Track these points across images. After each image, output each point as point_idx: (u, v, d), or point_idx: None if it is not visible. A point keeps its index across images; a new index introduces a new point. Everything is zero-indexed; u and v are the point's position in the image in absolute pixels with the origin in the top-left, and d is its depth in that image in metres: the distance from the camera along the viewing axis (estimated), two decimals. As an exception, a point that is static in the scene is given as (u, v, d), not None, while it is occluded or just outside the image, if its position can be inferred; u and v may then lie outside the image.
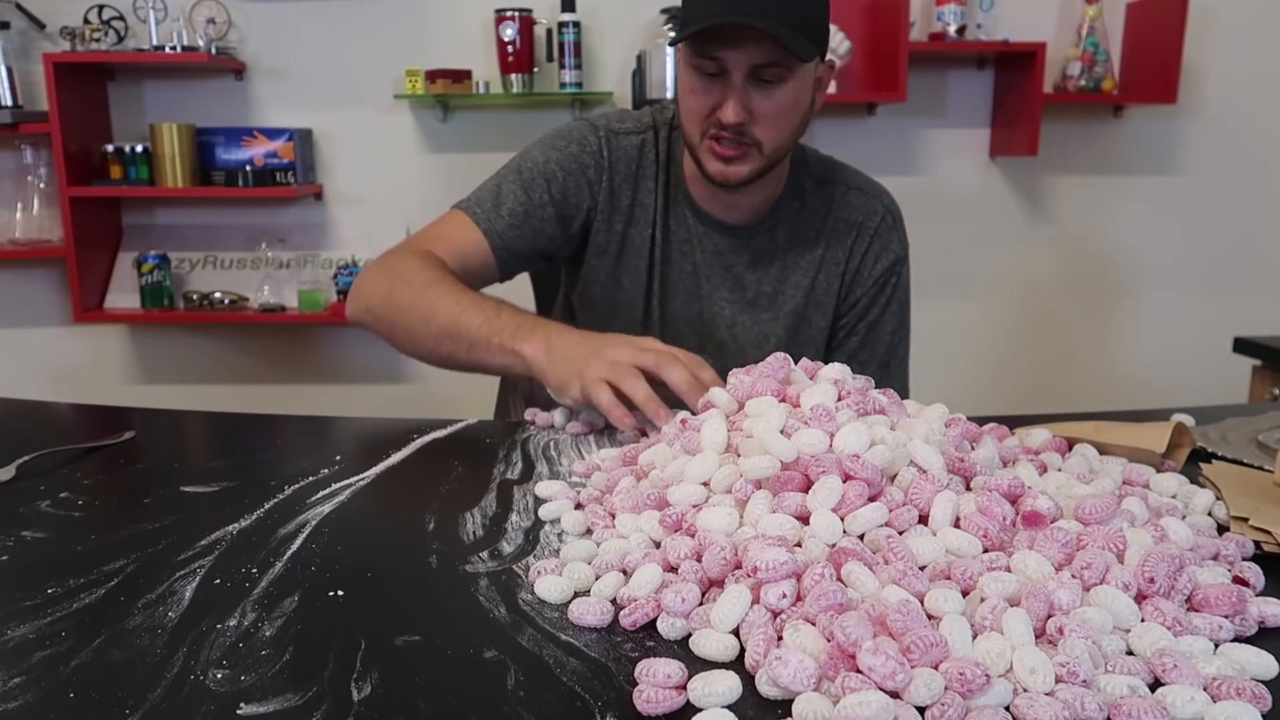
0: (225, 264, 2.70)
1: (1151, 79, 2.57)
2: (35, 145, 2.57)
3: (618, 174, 1.23)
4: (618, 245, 1.25)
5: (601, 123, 1.25)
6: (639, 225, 1.25)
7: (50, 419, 1.14)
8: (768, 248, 1.26)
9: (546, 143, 1.24)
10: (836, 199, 1.27)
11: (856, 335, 1.29)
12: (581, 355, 0.98)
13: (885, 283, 1.28)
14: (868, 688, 0.46)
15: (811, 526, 0.62)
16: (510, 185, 1.21)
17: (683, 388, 0.92)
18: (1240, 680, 0.48)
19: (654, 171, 1.24)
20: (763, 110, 1.09)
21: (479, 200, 1.21)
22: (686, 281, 1.27)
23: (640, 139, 1.25)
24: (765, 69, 1.07)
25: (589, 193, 1.23)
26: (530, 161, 1.23)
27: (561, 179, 1.21)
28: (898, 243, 1.29)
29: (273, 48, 2.64)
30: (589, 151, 1.23)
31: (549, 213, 1.21)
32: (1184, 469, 0.86)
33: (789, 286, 1.27)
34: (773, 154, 1.14)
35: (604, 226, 1.24)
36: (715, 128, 1.11)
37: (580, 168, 1.22)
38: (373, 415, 1.12)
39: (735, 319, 1.27)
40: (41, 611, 0.59)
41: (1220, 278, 2.86)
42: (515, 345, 1.02)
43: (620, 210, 1.24)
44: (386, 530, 0.74)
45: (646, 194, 1.24)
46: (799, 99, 1.12)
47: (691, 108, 1.12)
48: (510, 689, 0.50)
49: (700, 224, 1.25)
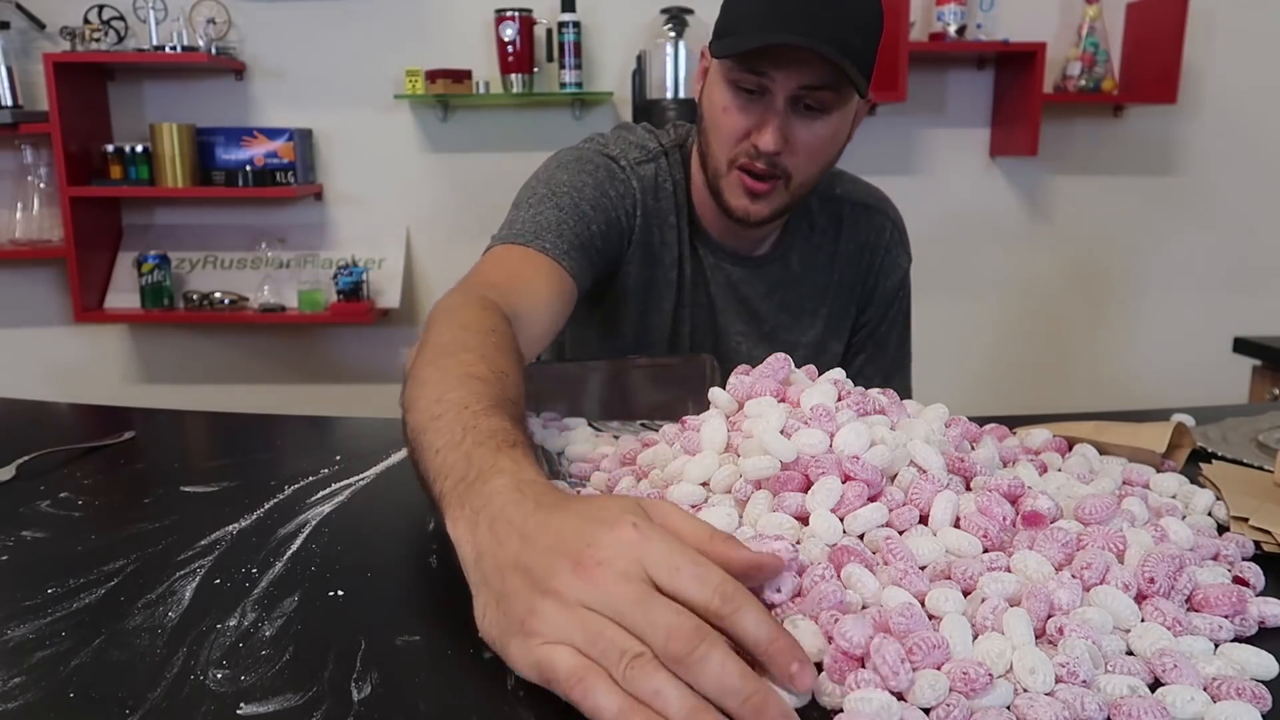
0: (225, 264, 2.70)
1: (1151, 79, 2.57)
2: (35, 145, 2.57)
3: (647, 210, 1.13)
4: (646, 288, 1.16)
5: (617, 153, 1.13)
6: (664, 266, 1.16)
7: (50, 419, 1.14)
8: (782, 276, 1.21)
9: (572, 168, 1.09)
10: (845, 219, 1.23)
11: (864, 352, 1.28)
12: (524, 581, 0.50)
13: (894, 299, 1.27)
14: (871, 687, 0.46)
15: (811, 526, 0.62)
16: (554, 214, 1.04)
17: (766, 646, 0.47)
18: (1240, 680, 0.48)
19: (673, 204, 1.15)
20: (801, 140, 1.01)
21: (534, 232, 1.01)
22: (702, 315, 1.21)
23: (653, 168, 1.15)
24: (812, 93, 0.99)
25: (626, 228, 1.12)
26: (565, 188, 1.07)
27: (604, 209, 1.08)
28: (905, 256, 1.27)
29: (273, 48, 2.64)
30: (619, 183, 1.11)
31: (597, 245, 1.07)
32: (1184, 469, 0.86)
33: (806, 315, 1.23)
34: (798, 189, 1.07)
35: (634, 268, 1.14)
36: (747, 155, 1.03)
37: (618, 199, 1.10)
38: (373, 415, 1.12)
39: (752, 353, 1.21)
40: (41, 611, 0.59)
41: (1220, 278, 2.86)
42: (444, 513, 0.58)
43: (651, 249, 1.15)
44: (386, 530, 0.74)
45: (670, 230, 1.15)
46: (838, 134, 1.05)
47: (724, 128, 1.03)
48: (510, 689, 0.50)
49: (712, 255, 1.18)
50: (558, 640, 0.47)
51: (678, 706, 0.43)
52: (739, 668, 0.45)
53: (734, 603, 0.47)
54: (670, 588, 0.47)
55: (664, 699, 0.44)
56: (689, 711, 0.43)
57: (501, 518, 0.53)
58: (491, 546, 0.52)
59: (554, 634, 0.47)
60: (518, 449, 0.59)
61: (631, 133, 1.18)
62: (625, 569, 0.47)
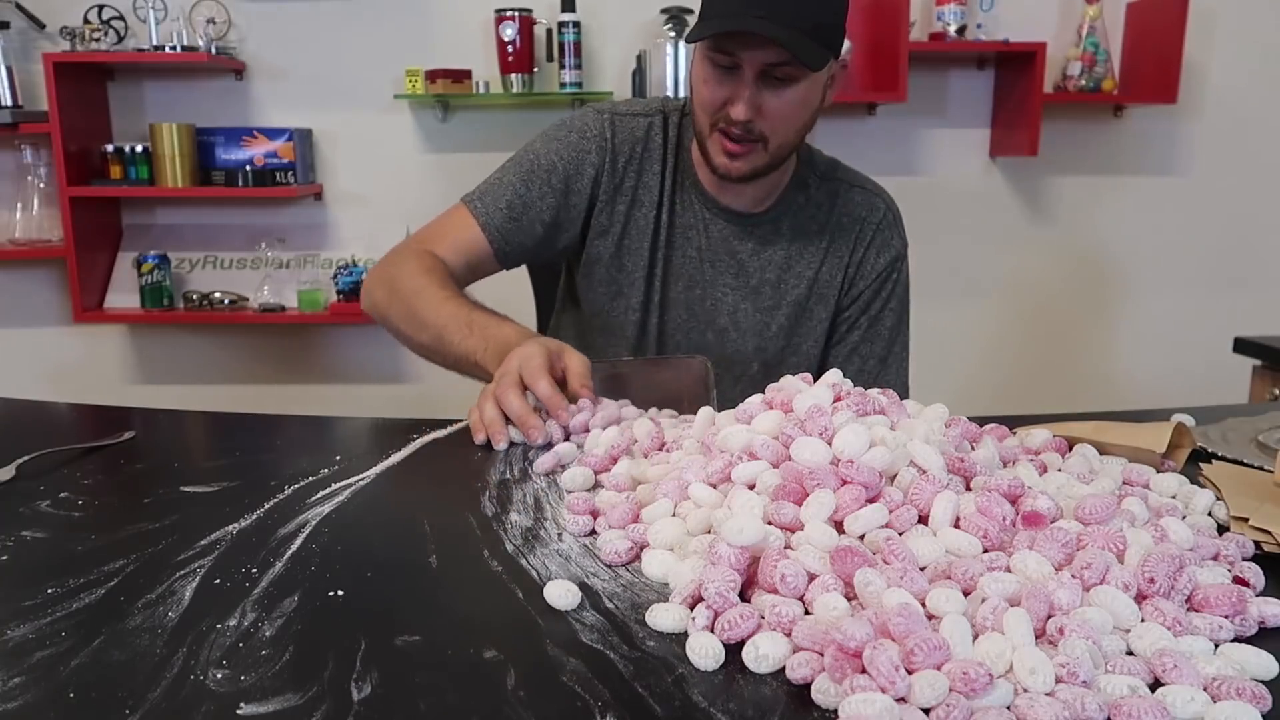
0: (225, 264, 2.70)
1: (1151, 79, 2.56)
2: (35, 145, 2.57)
3: (621, 155, 1.25)
4: (620, 226, 1.26)
5: (606, 107, 1.27)
6: (643, 207, 1.26)
7: (50, 419, 1.14)
8: (772, 235, 1.28)
9: (549, 134, 1.26)
10: (840, 195, 1.29)
11: (858, 329, 1.31)
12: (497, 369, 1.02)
13: (887, 278, 1.30)
14: (872, 689, 0.46)
15: (806, 533, 0.62)
16: (511, 178, 1.24)
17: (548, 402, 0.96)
18: (1240, 680, 0.48)
19: (661, 155, 1.26)
20: (772, 108, 1.11)
21: (481, 194, 1.25)
22: (690, 266, 1.28)
23: (647, 121, 1.26)
24: (777, 67, 1.08)
25: (590, 176, 1.24)
26: (532, 154, 1.25)
27: (562, 169, 1.23)
28: (898, 239, 1.31)
29: (273, 48, 2.64)
30: (589, 136, 1.24)
31: (549, 203, 1.23)
32: (1184, 469, 0.86)
33: (792, 276, 1.28)
34: (777, 150, 1.16)
35: (606, 207, 1.25)
36: (725, 121, 1.13)
37: (580, 153, 1.24)
38: (373, 415, 1.12)
39: (737, 306, 1.28)
40: (41, 611, 0.59)
41: (1220, 278, 2.86)
42: (489, 367, 1.05)
43: (624, 191, 1.25)
44: (386, 530, 0.74)
45: (652, 176, 1.25)
46: (808, 99, 1.14)
47: (704, 98, 1.14)
48: (510, 689, 0.50)
49: (706, 209, 1.26)
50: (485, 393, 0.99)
51: (511, 403, 0.96)
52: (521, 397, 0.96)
53: (536, 378, 0.97)
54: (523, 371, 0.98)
55: (507, 402, 0.96)
56: (519, 410, 0.95)
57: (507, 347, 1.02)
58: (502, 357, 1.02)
59: (492, 386, 0.99)
60: (504, 321, 1.11)
61: (644, 99, 1.31)
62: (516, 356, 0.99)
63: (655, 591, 0.62)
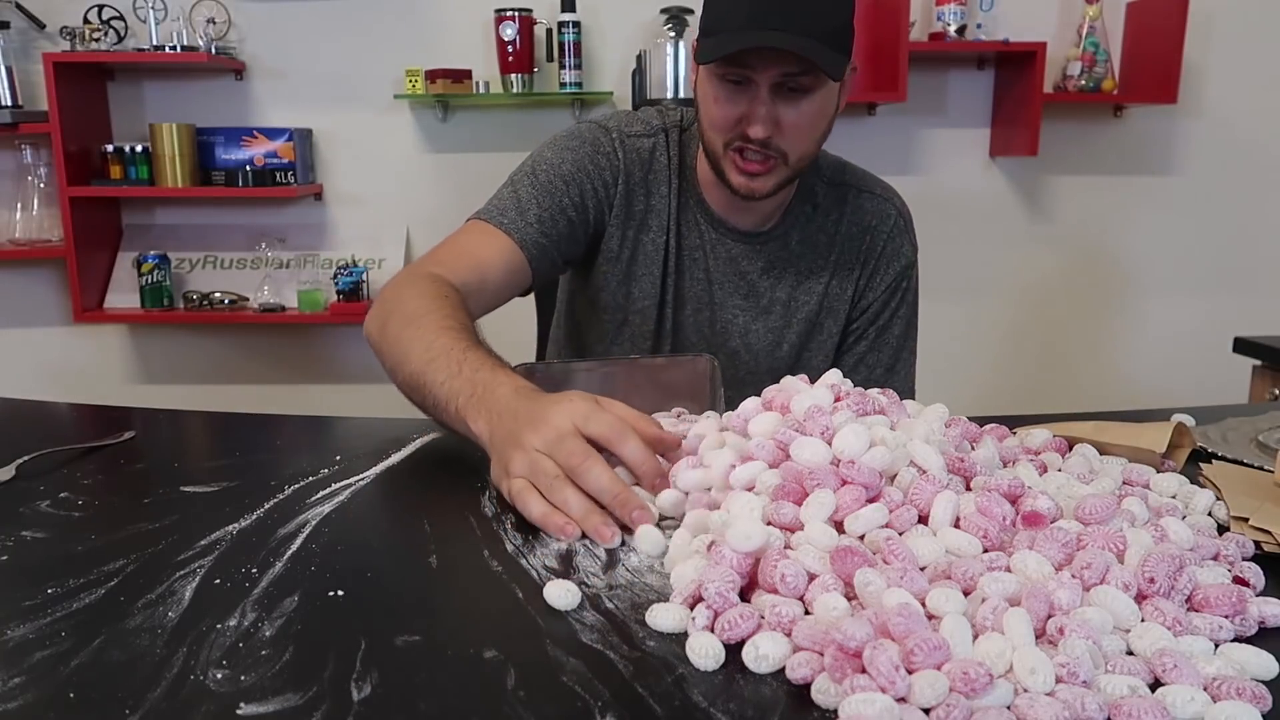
0: (225, 264, 2.70)
1: (1151, 79, 2.56)
2: (35, 145, 2.57)
3: (632, 178, 1.20)
4: (630, 252, 1.22)
5: (612, 124, 1.21)
6: (652, 232, 1.21)
7: (50, 419, 1.14)
8: (781, 253, 1.24)
9: (559, 145, 1.19)
10: (849, 202, 1.26)
11: (866, 340, 1.28)
12: (509, 443, 0.76)
13: (896, 287, 1.27)
14: (872, 689, 0.46)
15: (806, 533, 0.62)
16: (528, 191, 1.15)
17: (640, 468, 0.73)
18: (1240, 680, 0.48)
19: (667, 176, 1.21)
20: (789, 121, 1.07)
21: (501, 209, 1.15)
22: (698, 289, 1.24)
23: (651, 142, 1.21)
24: (792, 78, 1.04)
25: (605, 196, 1.19)
26: (545, 165, 1.17)
27: (579, 182, 1.17)
28: (909, 246, 1.28)
29: (273, 48, 2.64)
30: (603, 153, 1.19)
31: (570, 217, 1.17)
32: (1184, 469, 0.86)
33: (802, 293, 1.25)
34: (798, 164, 1.12)
35: (617, 232, 1.21)
36: (740, 140, 1.08)
37: (596, 169, 1.18)
38: (373, 415, 1.12)
39: (748, 327, 1.25)
40: (41, 611, 0.59)
41: (1220, 278, 2.86)
42: (466, 419, 0.82)
43: (634, 215, 1.21)
44: (386, 530, 0.74)
45: (660, 199, 1.21)
46: (825, 108, 1.10)
47: (716, 118, 1.09)
48: (510, 689, 0.50)
49: (713, 230, 1.23)
50: (517, 475, 0.73)
51: (576, 506, 0.69)
52: (610, 475, 0.70)
53: (623, 435, 0.72)
54: (585, 430, 0.72)
55: (569, 503, 0.70)
56: (584, 511, 0.69)
57: (506, 410, 0.78)
58: (499, 428, 0.78)
59: (517, 471, 0.73)
60: (501, 369, 0.85)
61: (640, 112, 1.25)
62: (559, 424, 0.73)
63: (655, 592, 0.62)
